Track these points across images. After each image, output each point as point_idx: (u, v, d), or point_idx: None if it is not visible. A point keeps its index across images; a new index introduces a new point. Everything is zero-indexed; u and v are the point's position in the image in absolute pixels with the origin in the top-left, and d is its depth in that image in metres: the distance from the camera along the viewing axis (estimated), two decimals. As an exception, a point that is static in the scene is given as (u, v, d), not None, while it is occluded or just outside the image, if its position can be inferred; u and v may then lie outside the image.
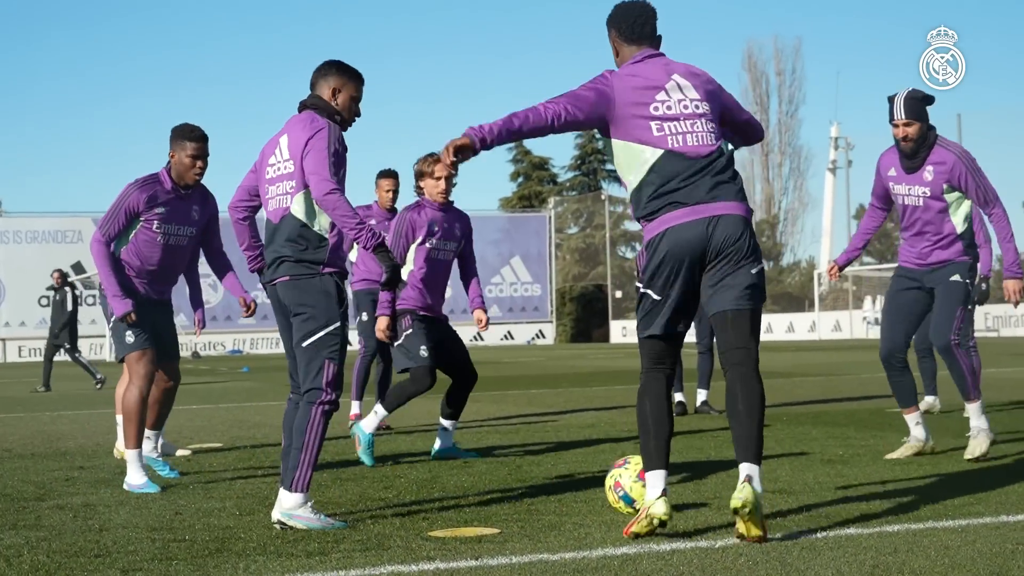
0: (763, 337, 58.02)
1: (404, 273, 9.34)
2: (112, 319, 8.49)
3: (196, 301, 9.20)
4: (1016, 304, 8.57)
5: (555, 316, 67.89)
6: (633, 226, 79.94)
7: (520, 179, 78.71)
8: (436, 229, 9.62)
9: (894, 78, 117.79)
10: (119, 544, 6.11)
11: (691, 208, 6.06)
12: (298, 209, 6.76)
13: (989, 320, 50.82)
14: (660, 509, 5.89)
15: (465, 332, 63.27)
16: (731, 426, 6.04)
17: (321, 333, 6.69)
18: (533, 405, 15.41)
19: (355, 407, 12.48)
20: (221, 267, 9.05)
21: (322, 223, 6.76)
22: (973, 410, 8.74)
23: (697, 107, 6.23)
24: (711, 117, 6.26)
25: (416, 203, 9.70)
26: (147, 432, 8.80)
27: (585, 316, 70.73)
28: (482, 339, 63.01)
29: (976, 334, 12.79)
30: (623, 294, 69.29)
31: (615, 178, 79.46)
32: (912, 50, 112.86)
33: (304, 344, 6.71)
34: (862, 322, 59.29)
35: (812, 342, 53.00)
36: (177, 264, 8.71)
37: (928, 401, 12.74)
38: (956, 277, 8.71)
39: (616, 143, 6.24)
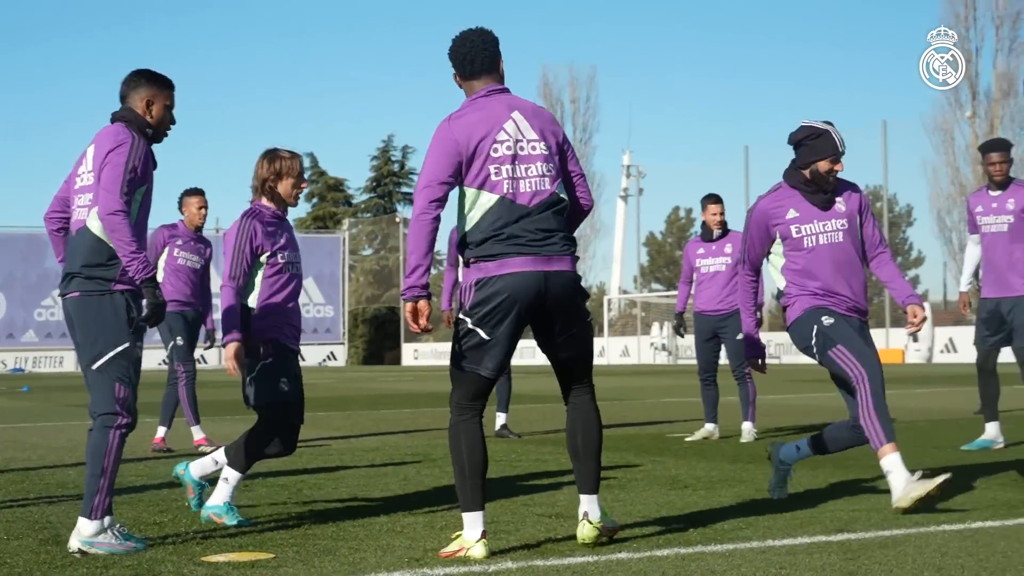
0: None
1: (252, 299, 7.69)
2: None
3: None
4: (918, 329, 8.08)
5: (347, 338, 67.68)
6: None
7: (315, 200, 78.33)
8: (282, 240, 7.84)
9: (684, 109, 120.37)
10: None
11: (529, 258, 6.13)
12: (94, 223, 6.54)
13: (771, 347, 52.03)
14: (479, 552, 6.01)
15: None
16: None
17: (109, 355, 6.49)
18: (319, 428, 15.31)
19: (197, 433, 12.37)
20: None
21: None
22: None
23: (535, 148, 6.24)
24: (548, 159, 6.27)
25: (254, 210, 7.83)
26: None
27: (377, 338, 70.63)
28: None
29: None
30: (416, 317, 69.39)
31: (410, 200, 79.55)
32: (701, 83, 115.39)
33: (93, 367, 6.53)
34: (650, 348, 60.26)
35: (601, 367, 53.68)
36: None
37: (708, 429, 12.99)
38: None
39: (462, 190, 6.26)
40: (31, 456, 11.78)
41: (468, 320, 6.21)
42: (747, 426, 12.73)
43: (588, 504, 6.30)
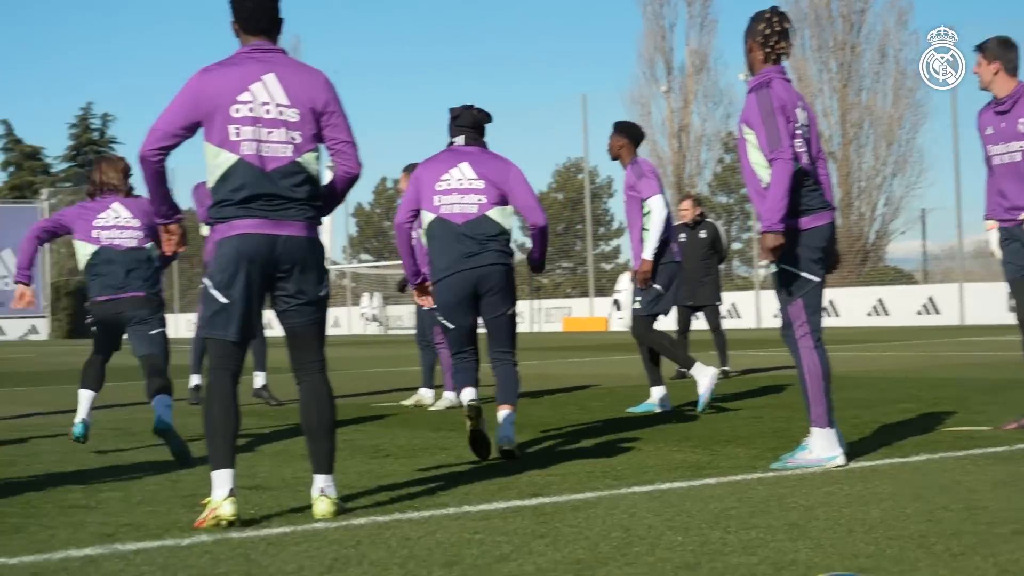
0: None
1: None
2: None
3: None
4: None
5: (50, 311, 65.75)
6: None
7: (11, 169, 75.84)
8: None
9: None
10: None
11: (259, 220, 6.15)
12: None
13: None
14: (228, 511, 6.01)
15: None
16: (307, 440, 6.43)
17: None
18: (17, 404, 14.90)
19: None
20: None
21: None
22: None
23: (281, 113, 6.22)
24: (296, 126, 6.25)
25: None
26: None
27: (81, 311, 68.72)
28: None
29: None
30: (120, 288, 67.85)
31: (113, 169, 77.83)
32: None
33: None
34: (360, 318, 60.22)
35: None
36: None
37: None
38: None
39: (205, 145, 6.23)
40: None
41: (209, 283, 6.26)
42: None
43: (324, 482, 6.30)
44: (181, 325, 58.28)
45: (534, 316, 52.97)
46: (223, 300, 6.21)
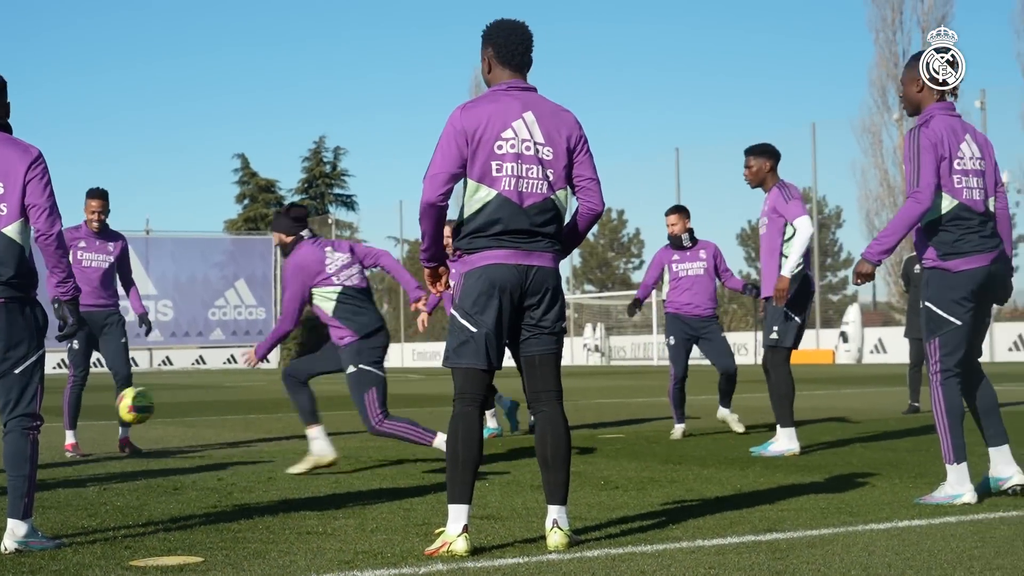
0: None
1: None
2: None
3: None
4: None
5: (279, 340, 67.34)
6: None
7: (246, 201, 77.88)
8: None
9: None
10: None
11: (511, 251, 6.26)
12: (12, 231, 6.58)
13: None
14: (461, 547, 6.08)
15: (188, 355, 62.23)
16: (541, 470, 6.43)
17: (34, 358, 6.56)
18: (251, 430, 15.25)
19: (69, 437, 12.22)
20: None
21: None
22: None
23: (538, 151, 6.33)
24: (551, 163, 6.36)
25: None
26: None
27: (311, 340, 70.26)
28: (204, 362, 62.08)
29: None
30: (349, 318, 69.18)
31: (343, 202, 79.40)
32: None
33: (16, 371, 6.50)
34: (583, 349, 60.36)
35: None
36: None
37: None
38: None
39: (468, 181, 6.35)
40: None
41: (456, 314, 6.33)
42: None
43: (557, 513, 6.29)
44: (407, 355, 59.19)
45: (759, 349, 52.38)
46: (472, 329, 6.28)
